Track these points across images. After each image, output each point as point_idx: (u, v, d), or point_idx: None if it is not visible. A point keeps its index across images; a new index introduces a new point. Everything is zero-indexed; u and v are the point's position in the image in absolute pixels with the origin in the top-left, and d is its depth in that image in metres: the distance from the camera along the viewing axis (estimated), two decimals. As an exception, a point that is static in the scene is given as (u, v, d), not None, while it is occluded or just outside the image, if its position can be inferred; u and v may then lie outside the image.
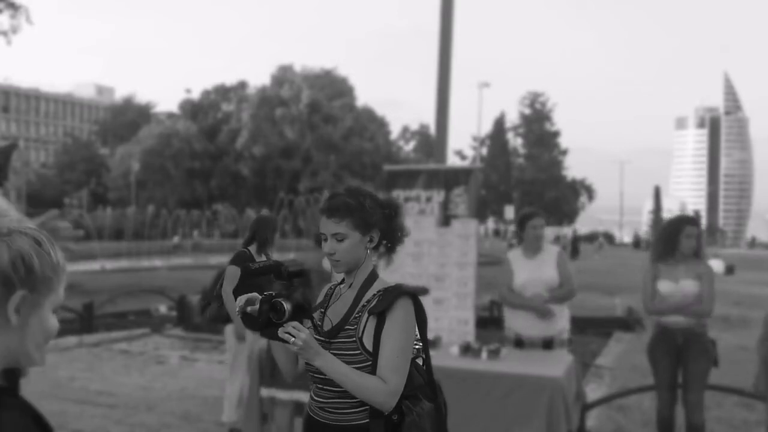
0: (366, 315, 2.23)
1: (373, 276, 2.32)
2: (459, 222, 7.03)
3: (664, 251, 4.70)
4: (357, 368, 2.19)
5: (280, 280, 2.16)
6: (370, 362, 2.20)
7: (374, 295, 2.26)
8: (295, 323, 2.11)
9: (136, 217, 43.91)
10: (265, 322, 2.13)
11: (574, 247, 37.28)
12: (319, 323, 2.33)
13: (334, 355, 2.20)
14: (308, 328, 2.18)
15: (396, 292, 2.23)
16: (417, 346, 2.33)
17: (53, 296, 1.32)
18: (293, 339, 2.09)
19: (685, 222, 4.77)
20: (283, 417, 4.51)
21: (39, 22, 30.54)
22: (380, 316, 2.21)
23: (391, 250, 2.38)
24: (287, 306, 2.11)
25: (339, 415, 2.24)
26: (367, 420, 2.21)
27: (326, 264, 4.05)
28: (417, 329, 2.28)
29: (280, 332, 2.10)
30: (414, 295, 2.27)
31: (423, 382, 2.32)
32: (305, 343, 2.09)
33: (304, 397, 3.87)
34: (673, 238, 4.66)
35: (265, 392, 4.62)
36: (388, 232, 2.33)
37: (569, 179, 75.94)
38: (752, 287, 19.86)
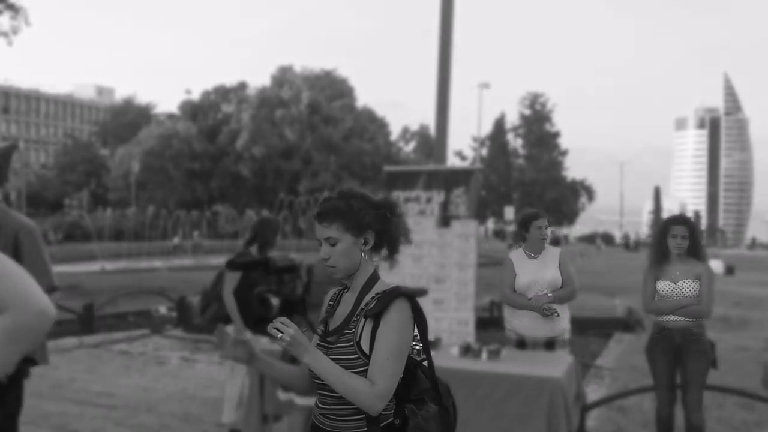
0: (363, 318, 2.19)
1: (373, 279, 2.27)
2: (459, 223, 7.04)
3: (657, 253, 4.74)
4: (356, 372, 2.14)
5: (269, 275, 2.16)
6: (368, 366, 2.15)
7: (372, 298, 2.22)
8: (283, 319, 2.10)
9: (136, 217, 43.88)
10: (257, 318, 2.13)
11: None
12: (323, 328, 2.31)
13: (334, 359, 2.15)
14: (304, 330, 2.15)
15: (392, 295, 2.18)
16: (417, 348, 2.30)
17: None
18: (281, 335, 2.07)
19: (671, 222, 4.80)
20: (297, 419, 4.51)
21: (39, 23, 30.57)
22: (376, 318, 2.16)
23: (392, 251, 2.32)
24: (275, 301, 2.10)
25: (340, 422, 2.19)
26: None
27: None
28: (417, 331, 2.23)
29: (269, 328, 2.09)
30: (411, 296, 2.22)
31: (430, 385, 2.27)
32: (293, 339, 2.07)
33: None
34: (661, 240, 4.71)
35: (283, 396, 4.62)
36: (384, 233, 2.27)
37: (569, 180, 75.93)
38: (752, 288, 19.86)
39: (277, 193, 50.45)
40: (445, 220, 7.09)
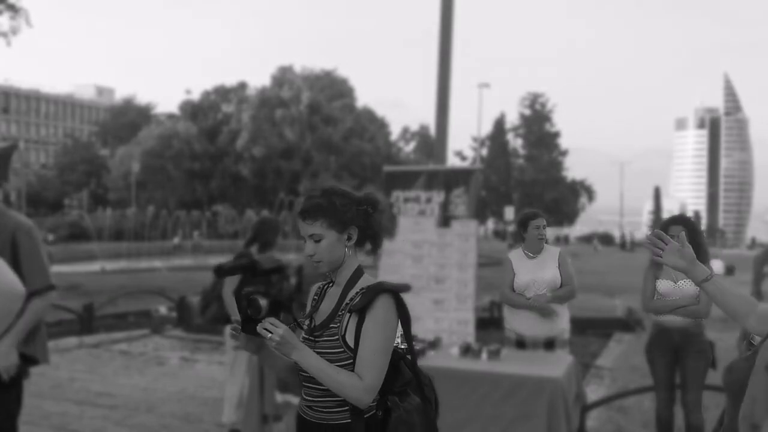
0: (348, 313, 2.25)
1: (357, 274, 2.34)
2: (459, 223, 7.03)
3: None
4: (340, 366, 2.20)
5: (256, 277, 2.20)
6: (352, 360, 2.21)
7: (357, 293, 2.27)
8: (272, 319, 2.16)
9: (136, 218, 43.91)
10: (245, 319, 2.19)
11: None
12: (308, 322, 2.36)
13: (319, 353, 2.21)
14: (291, 327, 2.20)
15: (376, 290, 2.24)
16: (403, 345, 2.35)
17: None
18: (270, 335, 2.13)
19: (671, 222, 4.78)
20: (294, 418, 4.52)
21: (39, 24, 30.58)
22: (361, 313, 2.22)
23: (375, 245, 2.38)
24: (263, 302, 2.16)
25: (325, 414, 2.26)
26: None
27: None
28: (400, 326, 2.29)
29: (258, 328, 2.16)
30: (395, 292, 2.27)
31: (412, 377, 2.34)
32: (282, 339, 2.13)
33: None
34: None
35: (279, 398, 4.61)
36: (366, 228, 2.33)
37: (569, 180, 75.94)
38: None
39: (277, 193, 50.51)
40: (445, 220, 7.09)
